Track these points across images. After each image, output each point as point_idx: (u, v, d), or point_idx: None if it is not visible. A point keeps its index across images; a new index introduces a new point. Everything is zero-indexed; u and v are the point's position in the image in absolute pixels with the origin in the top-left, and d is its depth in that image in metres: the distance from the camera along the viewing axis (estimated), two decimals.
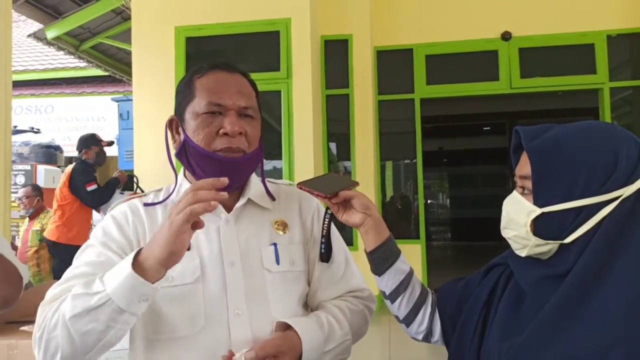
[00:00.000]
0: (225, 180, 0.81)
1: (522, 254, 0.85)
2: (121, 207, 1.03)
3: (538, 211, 0.80)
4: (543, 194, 0.80)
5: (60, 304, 0.85)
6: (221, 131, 0.96)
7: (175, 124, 1.03)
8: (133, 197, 1.05)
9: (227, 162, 0.96)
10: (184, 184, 1.04)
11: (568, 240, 0.79)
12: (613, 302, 0.72)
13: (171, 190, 1.06)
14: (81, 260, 0.95)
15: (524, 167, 0.84)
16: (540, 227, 0.81)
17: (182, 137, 0.99)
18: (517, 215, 0.84)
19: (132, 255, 0.81)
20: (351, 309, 1.05)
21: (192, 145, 0.97)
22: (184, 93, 1.01)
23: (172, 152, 1.03)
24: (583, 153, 0.78)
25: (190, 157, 0.99)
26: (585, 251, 0.77)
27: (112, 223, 0.99)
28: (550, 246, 0.81)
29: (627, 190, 0.76)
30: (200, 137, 0.96)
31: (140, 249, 0.82)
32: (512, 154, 0.91)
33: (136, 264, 0.80)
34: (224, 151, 0.96)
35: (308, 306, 1.08)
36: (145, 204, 1.03)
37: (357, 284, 1.10)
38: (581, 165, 0.78)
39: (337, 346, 0.99)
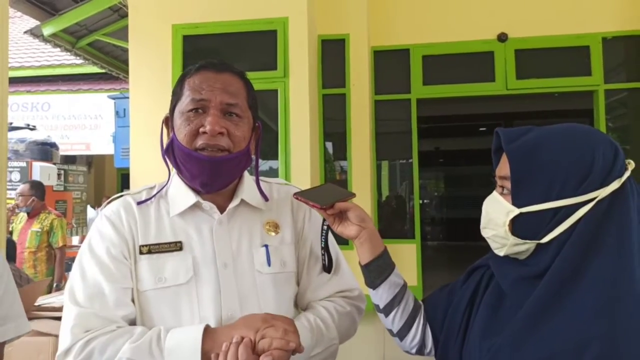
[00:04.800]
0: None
1: (501, 253, 0.86)
2: (114, 206, 1.02)
3: (516, 211, 0.82)
4: (521, 194, 0.82)
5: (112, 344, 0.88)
6: (201, 129, 0.95)
7: (169, 122, 1.03)
8: (126, 195, 1.05)
9: (208, 161, 0.95)
10: (175, 181, 1.04)
11: (545, 240, 0.80)
12: (588, 301, 0.74)
13: (163, 186, 1.05)
14: (91, 274, 0.94)
15: (503, 167, 0.86)
16: (519, 227, 0.83)
17: (171, 135, 1.00)
18: (496, 215, 0.85)
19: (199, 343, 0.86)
20: (339, 311, 1.04)
21: (176, 143, 0.97)
22: (175, 93, 1.02)
23: None
24: (560, 155, 0.80)
25: (175, 155, 0.99)
26: (562, 251, 0.78)
27: (109, 225, 0.99)
28: (528, 246, 0.82)
29: (603, 192, 0.78)
30: (183, 135, 0.96)
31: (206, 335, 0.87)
32: (493, 155, 0.93)
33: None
34: (203, 149, 0.95)
35: (297, 306, 1.08)
36: (139, 203, 1.02)
37: (347, 283, 1.10)
38: (558, 166, 0.79)
39: (323, 350, 0.99)
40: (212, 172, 0.96)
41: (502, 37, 5.38)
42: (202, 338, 0.86)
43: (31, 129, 8.25)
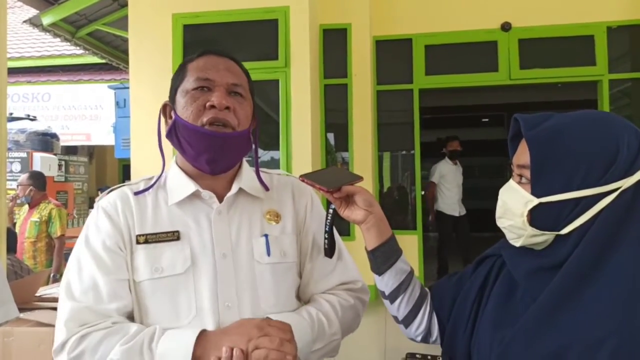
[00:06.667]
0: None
1: (517, 244, 0.83)
2: (110, 197, 1.01)
3: (536, 201, 0.79)
4: (541, 183, 0.78)
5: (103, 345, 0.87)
6: (208, 104, 0.95)
7: (168, 108, 1.02)
8: (123, 185, 1.04)
9: (214, 137, 0.94)
10: (174, 170, 1.03)
11: (565, 231, 0.77)
12: (607, 294, 0.72)
13: (160, 175, 1.04)
14: (86, 267, 0.94)
15: (522, 155, 0.82)
16: (537, 217, 0.79)
17: (173, 118, 0.99)
18: (514, 204, 0.82)
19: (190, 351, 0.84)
20: (342, 305, 1.03)
21: (180, 122, 0.96)
22: (176, 78, 1.02)
23: (163, 138, 1.02)
24: (583, 143, 0.77)
25: (179, 135, 0.97)
26: (582, 242, 0.75)
27: (104, 216, 0.98)
28: (546, 237, 0.79)
29: (627, 182, 0.75)
30: (189, 112, 0.95)
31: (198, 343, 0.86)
32: (509, 142, 0.89)
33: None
34: (210, 124, 0.94)
35: (300, 298, 1.06)
36: (136, 193, 1.01)
37: (350, 275, 1.08)
38: (581, 155, 0.76)
39: (325, 345, 0.98)
40: (219, 148, 0.95)
41: (506, 27, 5.32)
42: (194, 344, 0.85)
43: (31, 120, 8.24)
